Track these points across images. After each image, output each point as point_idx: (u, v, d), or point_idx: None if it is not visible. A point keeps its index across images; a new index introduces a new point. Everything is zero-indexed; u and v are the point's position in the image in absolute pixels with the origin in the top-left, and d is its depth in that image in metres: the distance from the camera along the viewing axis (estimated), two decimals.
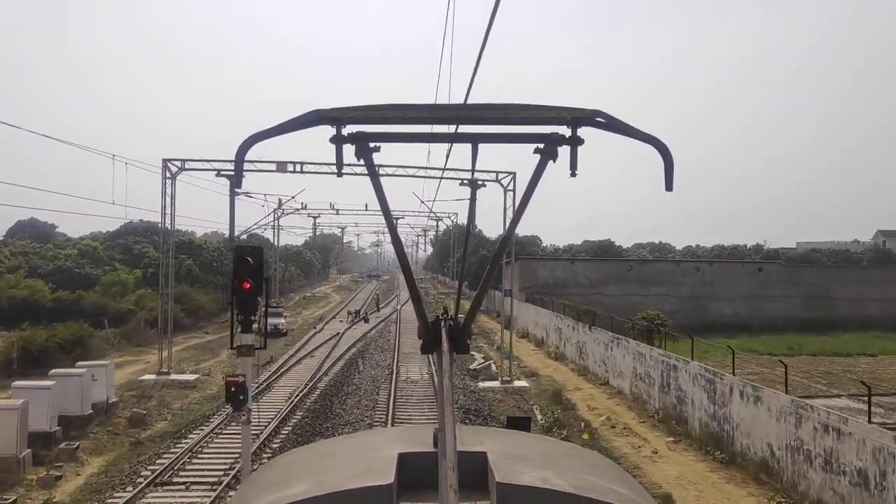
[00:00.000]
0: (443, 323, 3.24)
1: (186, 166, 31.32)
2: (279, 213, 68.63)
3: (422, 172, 35.44)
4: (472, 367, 36.17)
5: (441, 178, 33.50)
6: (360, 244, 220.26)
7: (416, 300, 3.32)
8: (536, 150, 2.98)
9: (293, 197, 59.80)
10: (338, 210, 72.44)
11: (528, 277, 56.33)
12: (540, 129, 2.97)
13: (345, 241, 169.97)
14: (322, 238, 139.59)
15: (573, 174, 2.90)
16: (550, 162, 2.97)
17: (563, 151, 2.94)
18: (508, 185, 32.59)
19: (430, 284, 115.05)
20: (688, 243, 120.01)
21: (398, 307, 69.40)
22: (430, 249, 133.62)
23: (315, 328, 50.84)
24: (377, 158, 2.98)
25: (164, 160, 30.84)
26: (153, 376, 30.03)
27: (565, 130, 2.92)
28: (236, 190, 45.15)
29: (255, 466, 15.27)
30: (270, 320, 52.67)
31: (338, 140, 2.87)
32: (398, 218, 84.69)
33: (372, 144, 2.90)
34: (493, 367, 36.15)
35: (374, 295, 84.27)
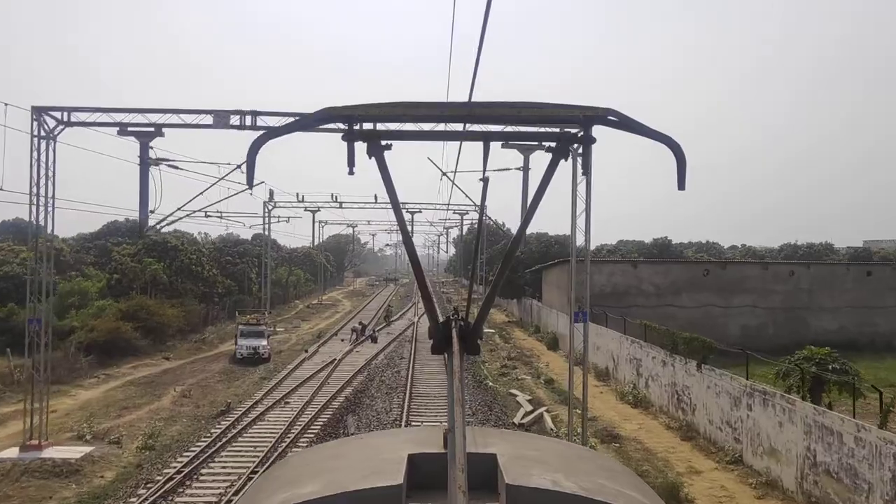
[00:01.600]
0: (453, 323, 3.25)
1: (73, 118, 20.24)
2: (270, 206, 58.55)
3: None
4: (517, 419, 24.87)
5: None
6: (375, 244, 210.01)
7: (426, 298, 3.28)
8: (548, 149, 2.90)
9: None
10: (341, 203, 64.24)
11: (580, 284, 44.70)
12: (552, 127, 3.38)
13: (362, 242, 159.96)
14: (335, 239, 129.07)
15: (585, 172, 2.13)
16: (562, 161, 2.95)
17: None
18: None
19: (451, 289, 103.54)
20: (733, 243, 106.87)
21: (415, 319, 58.19)
22: (452, 250, 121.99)
23: (307, 351, 39.78)
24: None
25: (36, 108, 19.73)
26: (14, 452, 19.04)
27: (577, 129, 2.92)
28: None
29: None
30: (248, 342, 41.29)
31: (349, 138, 2.86)
32: (415, 212, 74.13)
33: (383, 142, 2.88)
34: (549, 420, 24.80)
35: (385, 305, 73.09)
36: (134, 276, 48.89)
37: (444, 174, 46.92)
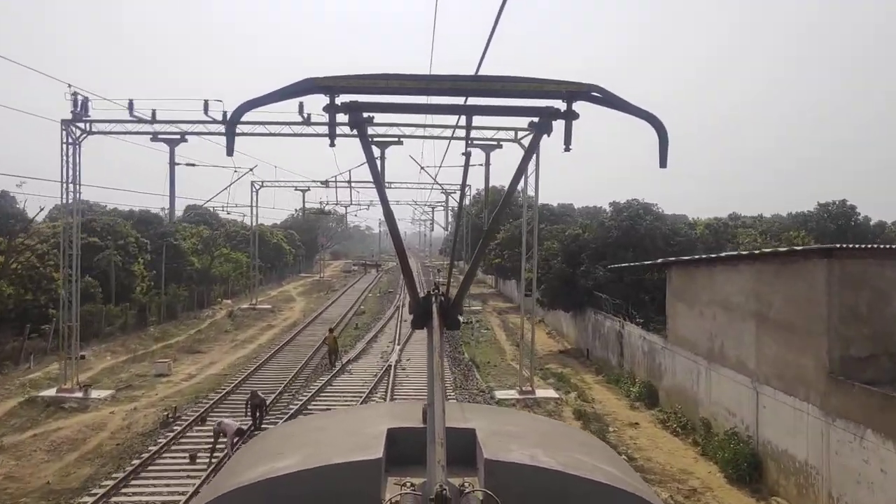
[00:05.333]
0: (434, 298, 3.22)
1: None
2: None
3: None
4: None
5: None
6: (362, 222, 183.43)
7: (406, 272, 3.25)
8: (531, 124, 2.89)
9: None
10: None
11: (862, 311, 17.76)
12: (535, 102, 2.85)
13: (349, 221, 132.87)
14: (307, 216, 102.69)
15: (567, 148, 2.88)
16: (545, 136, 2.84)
17: (558, 125, 2.82)
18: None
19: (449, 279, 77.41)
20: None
21: (397, 338, 32.80)
22: (450, 228, 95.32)
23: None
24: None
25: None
26: None
27: (561, 104, 2.81)
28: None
29: None
30: None
31: (331, 109, 2.77)
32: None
33: (366, 115, 2.83)
34: None
35: (355, 308, 45.92)
36: None
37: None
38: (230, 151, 2.91)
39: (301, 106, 24.37)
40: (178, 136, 32.43)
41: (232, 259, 64.98)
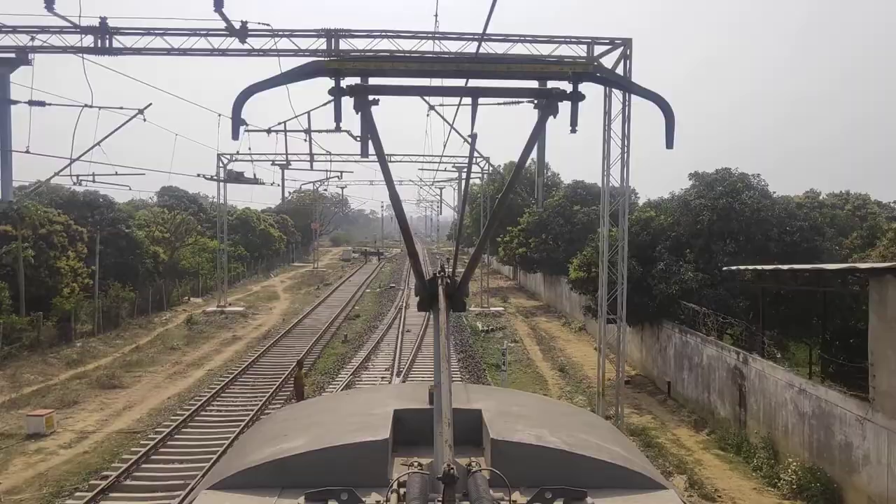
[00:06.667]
0: (440, 281, 3.22)
1: None
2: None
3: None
4: None
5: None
6: (366, 206, 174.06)
7: (412, 255, 3.20)
8: (537, 105, 2.82)
9: None
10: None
11: None
12: (541, 83, 2.84)
13: (345, 200, 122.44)
14: (302, 198, 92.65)
15: (573, 130, 2.85)
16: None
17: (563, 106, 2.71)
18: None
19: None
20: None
21: (397, 360, 22.78)
22: (456, 210, 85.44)
23: None
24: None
25: None
26: None
27: (566, 86, 2.77)
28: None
29: None
30: None
31: (337, 92, 2.73)
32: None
33: (371, 97, 2.76)
34: None
35: (344, 310, 35.54)
36: None
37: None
38: (235, 135, 2.87)
39: (219, 2, 14.42)
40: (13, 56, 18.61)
41: (209, 249, 55.38)
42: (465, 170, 57.13)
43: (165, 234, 53.42)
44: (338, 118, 2.83)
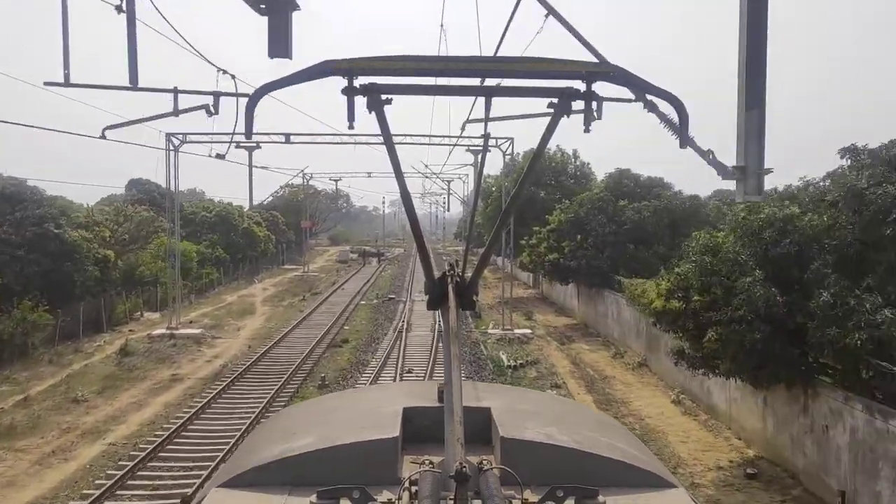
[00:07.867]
0: (450, 279, 3.19)
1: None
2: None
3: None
4: None
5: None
6: (367, 201, 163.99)
7: (422, 253, 3.21)
8: (550, 105, 2.79)
9: None
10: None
11: None
12: (555, 83, 2.78)
13: (342, 195, 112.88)
14: (292, 194, 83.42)
15: (587, 129, 2.82)
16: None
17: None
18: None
19: (488, 293, 57.85)
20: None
21: None
22: (468, 205, 75.85)
23: None
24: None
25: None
26: None
27: (580, 85, 2.73)
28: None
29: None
30: None
31: (349, 92, 2.71)
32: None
33: (384, 97, 2.73)
34: None
35: (330, 330, 26.36)
36: None
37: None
38: (248, 135, 2.94)
39: None
40: None
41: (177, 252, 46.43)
42: (480, 154, 47.87)
43: (123, 236, 44.78)
44: (351, 118, 2.82)
